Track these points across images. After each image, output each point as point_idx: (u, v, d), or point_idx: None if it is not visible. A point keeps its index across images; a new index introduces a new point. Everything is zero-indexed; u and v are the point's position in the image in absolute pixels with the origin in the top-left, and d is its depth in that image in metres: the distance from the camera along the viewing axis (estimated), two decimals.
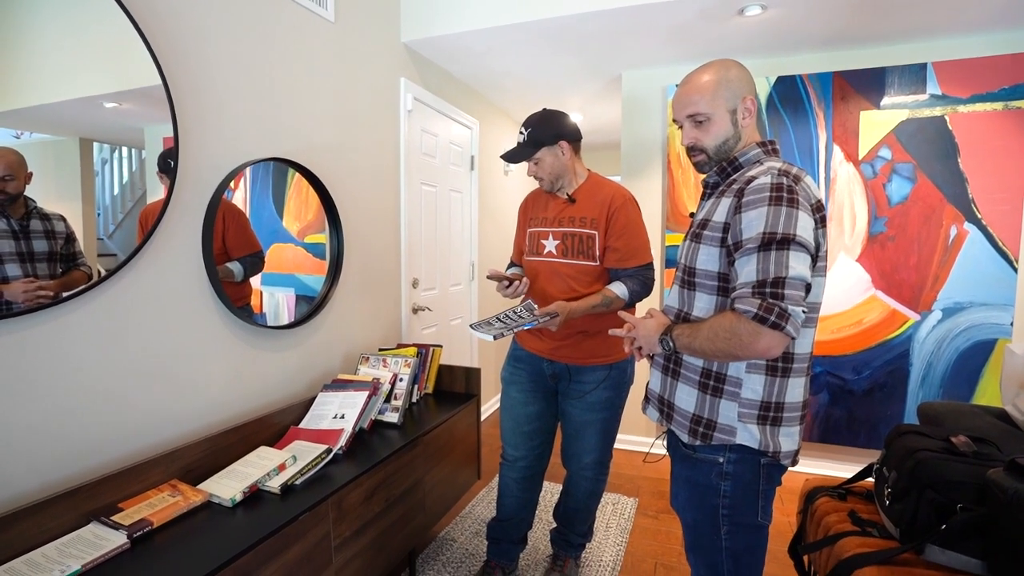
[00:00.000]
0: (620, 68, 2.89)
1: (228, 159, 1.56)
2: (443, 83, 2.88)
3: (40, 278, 1.14)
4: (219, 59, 1.53)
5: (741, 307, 0.93)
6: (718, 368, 1.05)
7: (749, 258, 0.94)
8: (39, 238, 1.15)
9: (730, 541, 1.09)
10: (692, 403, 1.09)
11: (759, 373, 1.03)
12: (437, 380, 2.21)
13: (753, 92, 1.10)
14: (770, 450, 1.02)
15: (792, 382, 1.03)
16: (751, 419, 1.03)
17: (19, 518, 1.03)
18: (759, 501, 1.06)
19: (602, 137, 4.61)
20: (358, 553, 1.44)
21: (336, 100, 2.02)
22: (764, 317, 0.90)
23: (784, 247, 0.92)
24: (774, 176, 0.97)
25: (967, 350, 2.44)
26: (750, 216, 0.96)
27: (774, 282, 0.91)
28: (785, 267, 0.91)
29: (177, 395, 1.42)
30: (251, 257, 1.68)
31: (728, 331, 0.94)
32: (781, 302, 0.90)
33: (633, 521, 2.28)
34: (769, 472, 1.06)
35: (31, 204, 1.14)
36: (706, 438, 1.06)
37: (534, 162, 1.63)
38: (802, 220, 0.93)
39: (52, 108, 1.18)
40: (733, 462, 1.05)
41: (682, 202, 2.84)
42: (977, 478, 1.07)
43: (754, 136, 1.11)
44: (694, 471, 1.11)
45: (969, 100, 2.36)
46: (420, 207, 2.70)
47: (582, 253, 1.62)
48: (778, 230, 0.92)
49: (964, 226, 2.41)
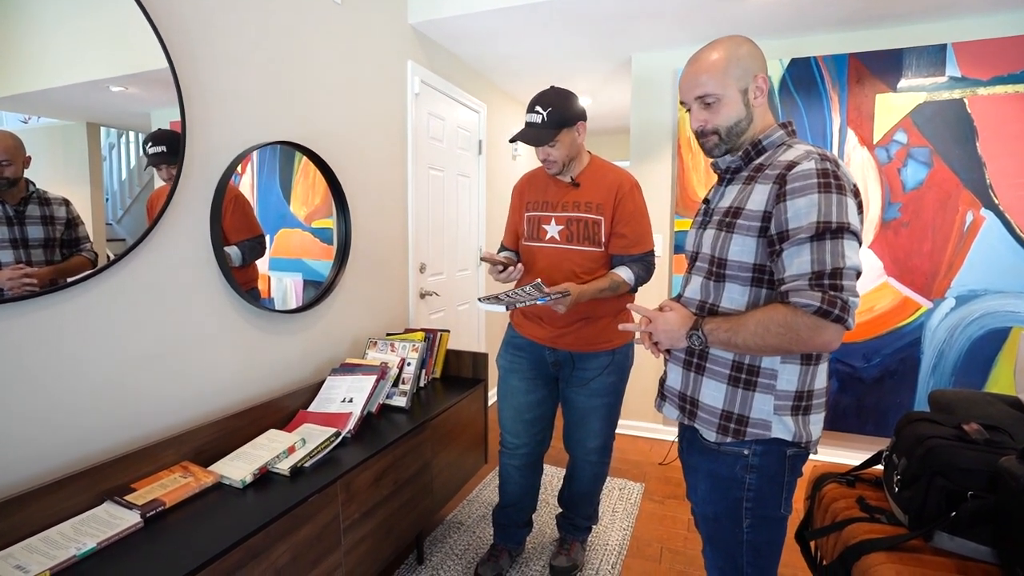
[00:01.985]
0: (630, 51, 2.84)
1: (235, 143, 1.56)
2: (450, 66, 2.85)
3: (35, 264, 1.12)
4: (226, 42, 1.51)
5: (801, 300, 0.88)
6: (750, 360, 1.00)
7: (801, 248, 0.90)
8: (35, 224, 1.12)
9: (752, 534, 1.06)
10: (721, 399, 1.03)
11: (795, 363, 0.98)
12: (444, 365, 2.22)
13: (765, 70, 1.05)
14: (803, 440, 0.99)
15: (820, 368, 1.01)
16: (786, 411, 0.99)
17: (35, 497, 1.05)
18: (783, 492, 1.04)
19: (611, 121, 4.56)
20: (367, 534, 1.46)
21: (343, 83, 2.00)
22: (828, 311, 0.86)
23: (839, 236, 0.89)
24: (818, 161, 0.92)
25: (980, 338, 2.41)
26: (798, 204, 0.91)
27: (832, 273, 0.87)
28: (842, 257, 0.88)
29: (187, 378, 1.44)
30: (250, 241, 1.66)
31: (783, 326, 0.90)
32: (842, 293, 0.87)
33: (639, 506, 2.29)
34: (794, 463, 1.04)
35: (31, 189, 1.12)
36: (739, 434, 1.01)
37: (551, 144, 1.54)
38: (851, 207, 0.90)
39: (59, 92, 1.18)
40: (760, 454, 1.02)
41: (692, 187, 2.80)
42: (989, 465, 1.06)
43: (768, 117, 1.06)
44: (717, 464, 1.06)
45: (989, 82, 2.30)
46: (427, 192, 2.68)
47: (587, 239, 1.59)
48: (832, 219, 0.88)
49: (981, 212, 2.36)
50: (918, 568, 1.03)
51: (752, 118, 1.05)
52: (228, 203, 1.57)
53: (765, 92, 1.05)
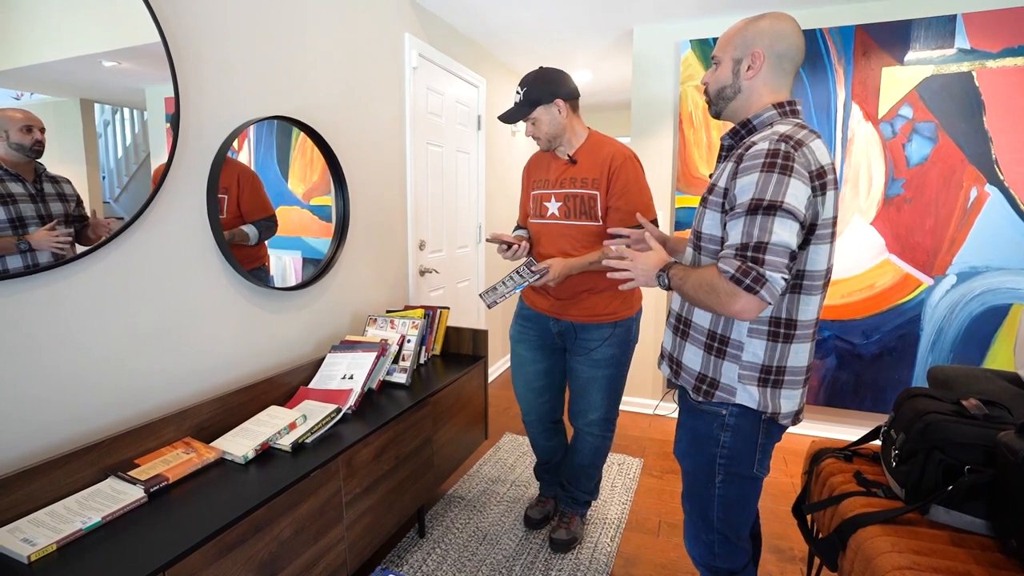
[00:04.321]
0: (631, 22, 2.78)
1: (231, 118, 1.53)
2: (449, 39, 2.79)
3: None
4: (219, 15, 1.47)
5: (721, 266, 0.94)
6: (722, 331, 1.07)
7: (736, 221, 0.95)
8: (54, 200, 1.14)
9: (723, 489, 1.14)
10: (698, 362, 1.12)
11: (760, 339, 1.04)
12: (444, 342, 2.22)
13: (771, 47, 1.05)
14: (768, 410, 1.05)
15: (795, 347, 1.05)
16: (751, 381, 1.06)
17: (40, 472, 1.06)
18: (756, 454, 1.10)
19: (611, 96, 4.48)
20: (368, 509, 1.48)
21: (339, 57, 1.96)
22: (740, 279, 0.91)
23: (770, 213, 0.91)
24: (772, 142, 0.95)
25: (980, 315, 2.41)
26: (742, 182, 0.96)
27: (756, 247, 0.91)
28: (768, 232, 0.91)
29: (187, 354, 1.44)
30: (265, 221, 1.68)
31: (708, 285, 0.97)
32: (760, 267, 0.90)
33: (638, 481, 2.32)
34: (768, 428, 1.09)
35: (40, 167, 1.12)
36: (708, 395, 1.10)
37: (531, 122, 1.62)
38: (793, 188, 0.92)
39: (50, 67, 1.15)
40: (735, 415, 1.09)
41: (693, 163, 2.77)
42: (987, 440, 1.06)
43: (765, 97, 1.07)
44: (698, 421, 1.15)
45: (999, 54, 2.25)
46: (426, 168, 2.65)
47: (584, 214, 1.62)
48: (766, 196, 0.92)
49: (985, 188, 2.34)
50: (913, 540, 1.05)
51: (739, 89, 1.09)
52: (244, 182, 1.59)
53: (758, 69, 1.06)
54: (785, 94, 1.09)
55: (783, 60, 1.06)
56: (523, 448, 2.63)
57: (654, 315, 2.99)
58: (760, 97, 1.07)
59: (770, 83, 1.07)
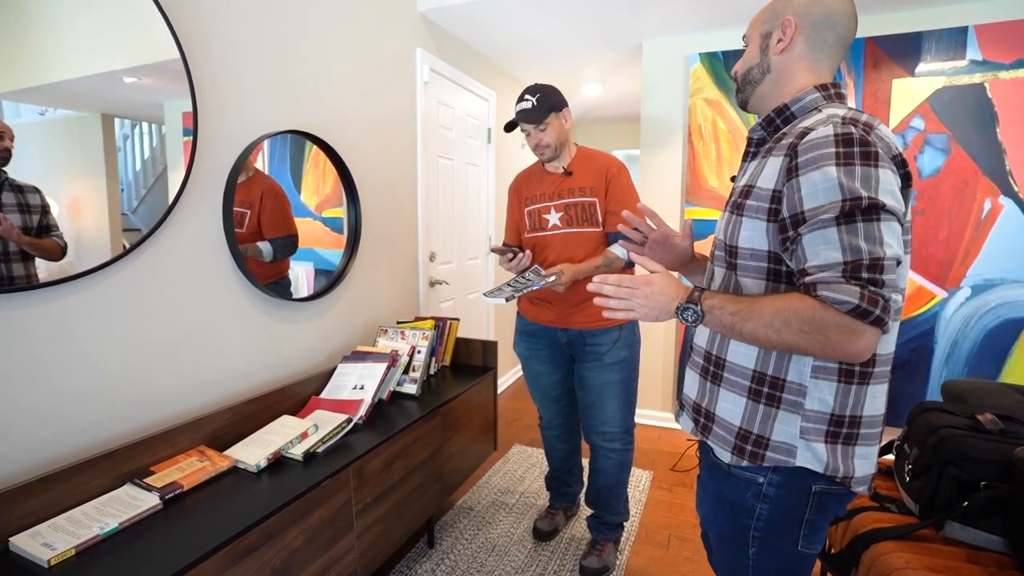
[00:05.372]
0: (640, 36, 2.81)
1: (246, 133, 1.57)
2: (460, 53, 2.84)
3: (11, 253, 1.09)
4: (236, 32, 1.52)
5: (834, 296, 0.70)
6: (774, 372, 0.82)
7: (826, 232, 0.72)
8: (12, 212, 1.09)
9: (758, 562, 0.91)
10: (739, 415, 0.86)
11: (830, 379, 0.80)
12: (454, 353, 2.23)
13: (806, 15, 0.85)
14: (839, 475, 0.80)
15: (872, 390, 0.80)
16: (817, 436, 0.81)
17: (60, 478, 1.09)
18: (801, 530, 0.86)
19: (620, 109, 4.51)
20: (379, 518, 1.48)
21: (353, 72, 2.00)
22: (868, 310, 0.68)
23: (872, 217, 0.70)
24: (837, 126, 0.74)
25: (996, 328, 2.38)
26: (814, 179, 0.73)
27: (871, 265, 0.69)
28: (880, 244, 0.70)
29: (202, 365, 1.46)
30: (282, 239, 1.70)
31: (808, 323, 0.72)
32: (883, 290, 0.69)
33: (648, 494, 2.31)
34: (822, 501, 0.84)
35: (3, 176, 1.08)
36: (756, 458, 0.84)
37: (542, 128, 1.64)
38: (885, 180, 0.71)
39: (74, 84, 1.19)
40: (776, 485, 0.85)
41: (702, 175, 2.78)
42: (1003, 455, 1.05)
43: (801, 78, 0.87)
44: (725, 485, 0.91)
45: (1012, 65, 2.24)
46: (437, 180, 2.68)
47: (586, 220, 1.68)
48: (860, 194, 0.70)
49: (999, 200, 2.32)
50: (928, 557, 1.04)
51: (767, 68, 0.89)
52: (267, 198, 1.62)
53: (790, 40, 0.86)
54: (828, 74, 0.87)
55: (822, 29, 0.84)
56: (532, 459, 2.62)
57: (663, 321, 2.97)
58: (793, 76, 0.87)
59: (807, 59, 0.86)
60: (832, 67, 0.88)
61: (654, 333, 2.92)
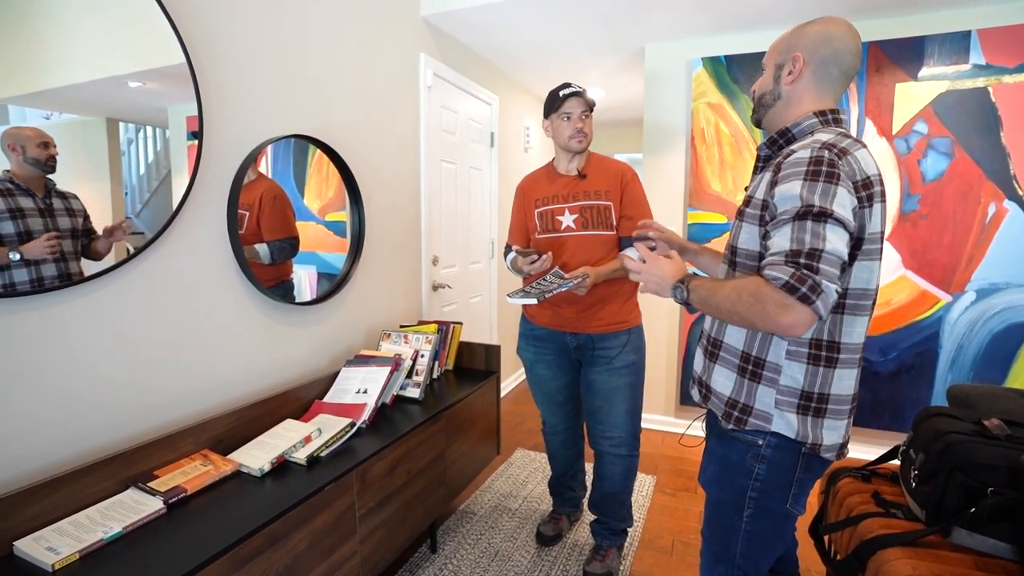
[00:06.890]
0: (643, 40, 2.81)
1: (250, 137, 1.57)
2: (463, 58, 2.85)
3: (66, 254, 1.16)
4: (241, 36, 1.53)
5: (771, 274, 0.85)
6: (757, 352, 1.00)
7: (782, 228, 0.88)
8: (62, 215, 1.16)
9: (751, 524, 1.06)
10: (729, 387, 1.05)
11: (800, 361, 0.97)
12: (457, 357, 2.23)
13: (814, 52, 0.99)
14: (808, 441, 0.97)
15: (839, 373, 0.97)
16: (789, 407, 0.98)
17: (64, 482, 1.08)
18: (791, 489, 1.02)
19: (623, 113, 4.52)
20: (382, 523, 1.48)
21: (356, 76, 2.01)
22: (795, 287, 0.82)
23: (821, 220, 0.84)
24: (814, 150, 0.89)
25: (1001, 332, 2.37)
26: (783, 189, 0.89)
27: (809, 253, 0.83)
28: (822, 239, 0.83)
29: (205, 368, 1.46)
30: (280, 242, 1.70)
31: (753, 295, 0.87)
32: (815, 275, 0.82)
33: (651, 498, 2.30)
34: (809, 462, 1.01)
35: (50, 183, 1.15)
36: (740, 423, 1.03)
37: (588, 115, 1.70)
38: (840, 196, 0.86)
39: (79, 88, 1.20)
40: (772, 447, 1.01)
41: (705, 179, 2.78)
42: (1010, 461, 1.04)
43: (805, 104, 1.02)
44: (730, 449, 1.07)
45: (1016, 70, 2.24)
46: (440, 184, 2.69)
47: (601, 223, 1.69)
48: (815, 202, 0.85)
49: (1004, 204, 2.31)
50: (935, 564, 1.03)
51: (779, 96, 1.04)
52: (266, 200, 1.62)
53: (798, 74, 1.01)
54: (830, 102, 1.02)
55: (827, 66, 0.99)
56: (535, 464, 2.61)
57: (667, 326, 2.97)
58: (799, 103, 1.02)
59: (813, 90, 1.01)
60: (835, 96, 1.03)
61: (657, 337, 2.92)
